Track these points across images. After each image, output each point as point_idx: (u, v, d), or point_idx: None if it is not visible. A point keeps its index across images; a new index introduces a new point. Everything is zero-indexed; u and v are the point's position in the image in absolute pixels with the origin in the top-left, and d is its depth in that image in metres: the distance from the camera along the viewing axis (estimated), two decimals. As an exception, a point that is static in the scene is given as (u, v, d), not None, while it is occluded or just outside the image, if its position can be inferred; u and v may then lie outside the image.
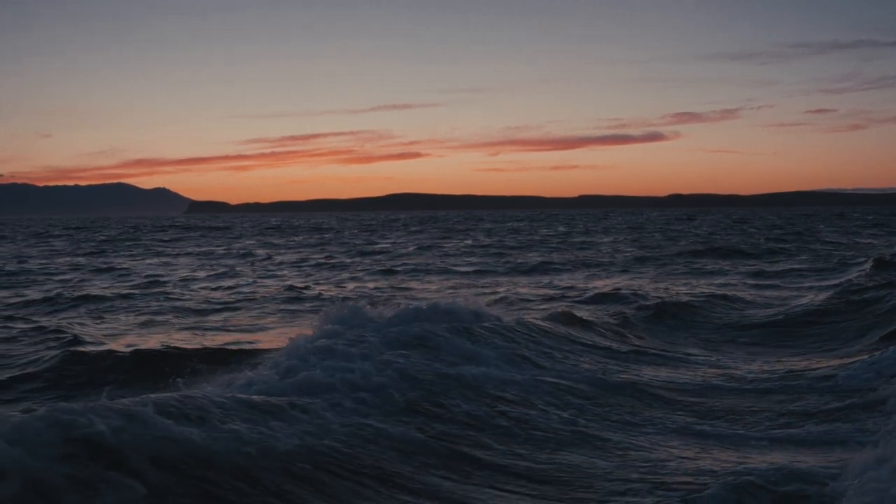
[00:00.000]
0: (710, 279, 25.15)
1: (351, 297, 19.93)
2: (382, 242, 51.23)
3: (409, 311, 13.14)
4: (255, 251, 43.11)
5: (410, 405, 8.70)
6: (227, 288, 23.67)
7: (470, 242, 48.69)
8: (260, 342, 13.95)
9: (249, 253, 41.44)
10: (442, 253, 39.16)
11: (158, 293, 21.70)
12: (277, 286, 23.73)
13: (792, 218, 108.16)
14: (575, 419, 8.72)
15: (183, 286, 24.24)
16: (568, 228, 74.28)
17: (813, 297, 19.36)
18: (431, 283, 25.00)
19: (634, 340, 14.41)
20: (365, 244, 49.23)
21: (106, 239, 63.18)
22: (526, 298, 20.14)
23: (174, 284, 24.74)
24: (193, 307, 18.74)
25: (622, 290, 20.87)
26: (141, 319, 16.95)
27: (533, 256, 35.85)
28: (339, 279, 26.72)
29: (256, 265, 33.43)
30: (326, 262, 34.68)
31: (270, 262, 35.33)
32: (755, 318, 16.86)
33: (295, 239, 58.10)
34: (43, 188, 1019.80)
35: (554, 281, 25.07)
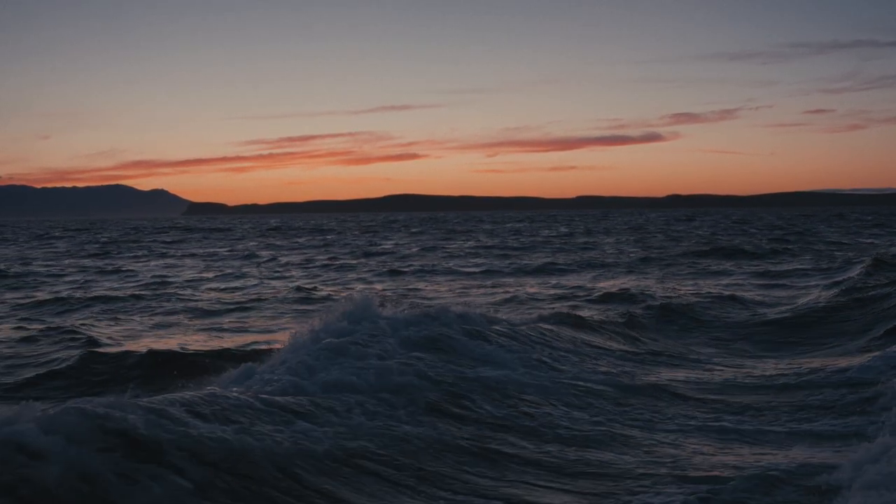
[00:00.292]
0: (716, 279, 25.30)
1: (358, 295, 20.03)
2: (385, 244, 51.35)
3: (421, 312, 13.21)
4: (258, 252, 43.21)
5: (434, 406, 8.81)
6: (236, 289, 23.80)
7: (473, 244, 48.81)
8: (276, 342, 14.04)
9: (253, 254, 41.55)
10: (446, 254, 39.29)
11: (169, 294, 21.83)
12: (286, 287, 23.86)
13: (792, 218, 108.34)
14: (598, 418, 8.85)
15: (192, 287, 24.37)
16: (569, 229, 74.40)
17: (820, 295, 19.52)
18: (439, 284, 25.13)
19: (647, 341, 14.53)
20: (368, 245, 49.35)
21: (108, 241, 63.28)
22: (536, 298, 20.27)
23: (183, 286, 24.87)
24: (206, 308, 18.88)
25: (630, 290, 20.99)
26: (155, 320, 17.08)
27: (538, 257, 35.99)
28: (346, 280, 26.85)
29: (262, 266, 33.55)
30: (331, 263, 34.81)
31: (276, 263, 35.45)
32: (765, 316, 17.02)
33: (298, 240, 58.22)
34: (41, 190, 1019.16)
35: (561, 281, 25.21)
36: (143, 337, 15.23)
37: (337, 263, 34.33)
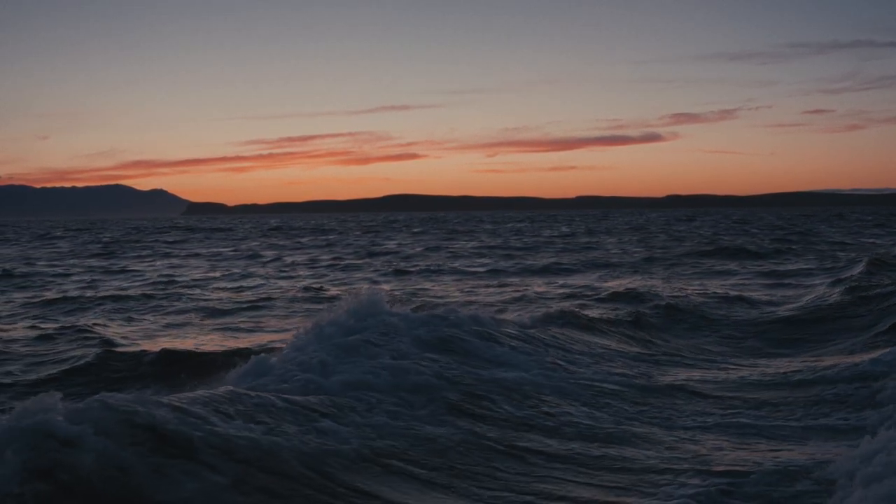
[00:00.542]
0: (721, 279, 25.41)
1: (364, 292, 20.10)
2: (388, 244, 51.43)
3: (430, 313, 13.20)
4: (262, 252, 43.30)
5: (455, 406, 8.91)
6: (244, 288, 23.91)
7: (476, 244, 48.90)
8: (292, 342, 14.13)
9: (257, 254, 41.64)
10: (450, 254, 39.37)
11: (179, 294, 21.94)
12: (294, 287, 23.96)
13: (792, 218, 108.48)
14: (617, 417, 8.97)
15: (201, 287, 24.46)
16: (571, 229, 74.51)
17: (826, 293, 19.59)
18: (446, 283, 25.22)
19: (658, 341, 14.62)
20: (371, 245, 49.44)
21: (110, 240, 63.34)
22: (544, 297, 20.36)
23: (192, 285, 24.97)
24: (218, 307, 18.97)
25: (637, 290, 21.05)
26: (167, 320, 17.18)
27: (542, 257, 36.09)
28: (353, 280, 26.92)
29: (268, 266, 33.64)
30: (336, 263, 34.90)
31: (281, 263, 35.53)
32: (774, 315, 17.14)
33: (300, 241, 58.28)
34: (40, 189, 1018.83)
35: (567, 281, 25.32)
36: (156, 336, 15.32)
37: (342, 263, 34.42)
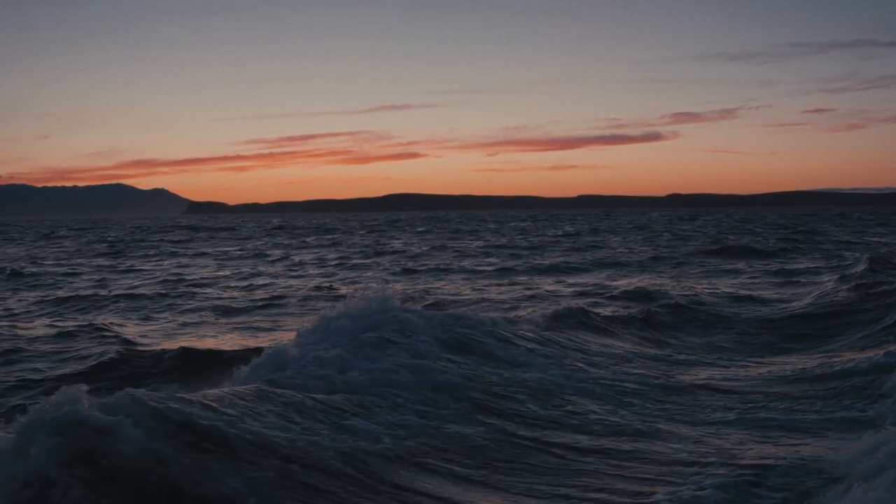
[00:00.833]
0: (730, 278, 25.50)
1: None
2: (394, 243, 51.52)
3: (445, 313, 13.23)
4: (268, 251, 43.40)
5: (481, 405, 9.01)
6: (256, 287, 24.02)
7: (481, 243, 48.99)
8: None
9: (263, 253, 41.74)
10: (457, 253, 39.43)
11: (193, 293, 22.05)
12: (305, 286, 24.06)
13: (794, 218, 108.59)
14: (641, 415, 9.08)
15: (212, 286, 24.58)
16: (574, 228, 74.58)
17: (835, 290, 19.63)
18: (456, 283, 25.32)
19: (673, 340, 14.70)
20: (376, 244, 49.52)
21: (115, 240, 63.41)
22: (555, 297, 20.45)
23: (203, 284, 25.08)
24: (233, 306, 19.09)
25: (647, 288, 21.16)
26: (184, 318, 17.28)
27: (549, 256, 36.20)
28: (363, 279, 26.99)
29: (276, 265, 33.74)
30: (344, 262, 35.01)
31: (289, 262, 35.64)
32: (786, 312, 17.25)
33: (305, 240, 58.36)
34: (41, 189, 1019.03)
35: (577, 280, 25.41)
36: (174, 334, 15.43)
37: (350, 262, 34.52)
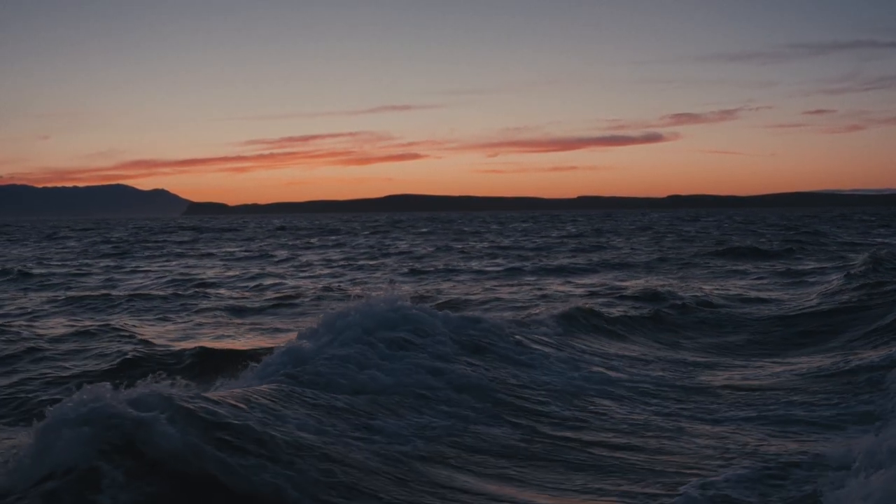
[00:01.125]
0: (738, 279, 25.59)
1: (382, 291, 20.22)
2: (399, 244, 51.62)
3: (462, 315, 13.25)
4: (274, 252, 43.47)
5: (507, 406, 9.13)
6: (267, 287, 24.12)
7: (486, 244, 49.08)
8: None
9: (269, 254, 41.83)
10: (463, 255, 39.51)
11: (206, 293, 22.13)
12: (315, 286, 24.15)
13: (796, 219, 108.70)
14: (664, 415, 9.21)
15: (223, 286, 24.70)
16: (577, 229, 74.68)
17: (846, 289, 19.71)
18: (465, 283, 25.42)
19: (686, 341, 14.77)
20: (381, 245, 49.62)
21: (119, 240, 63.52)
22: (566, 297, 20.52)
23: (214, 284, 25.20)
24: (247, 306, 19.18)
25: (656, 289, 21.16)
26: (199, 318, 17.37)
27: (556, 257, 36.30)
28: (371, 280, 27.11)
29: (283, 266, 33.84)
30: (351, 263, 35.11)
31: (297, 263, 35.74)
32: (797, 311, 17.37)
33: (310, 241, 58.46)
34: (41, 189, 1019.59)
35: (585, 281, 25.50)
36: (191, 334, 15.52)
37: (357, 263, 34.62)
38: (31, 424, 6.10)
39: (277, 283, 25.80)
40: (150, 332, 15.50)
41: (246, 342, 14.51)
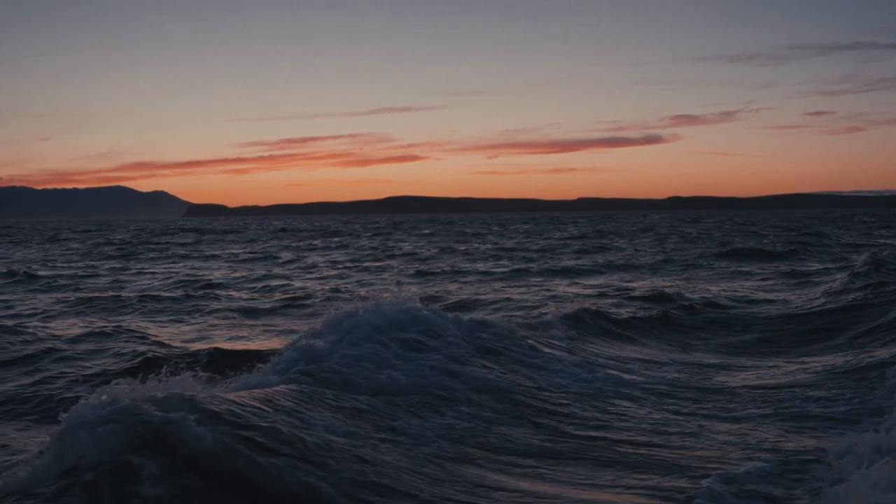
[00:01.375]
0: (744, 279, 25.69)
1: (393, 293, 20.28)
2: (402, 245, 51.71)
3: (473, 318, 13.20)
4: (278, 254, 43.54)
5: (527, 407, 9.21)
6: (275, 289, 24.20)
7: (489, 246, 49.16)
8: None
9: (274, 256, 41.89)
10: (468, 256, 39.59)
11: (216, 294, 22.22)
12: (323, 287, 24.24)
13: (797, 220, 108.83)
14: (683, 414, 9.32)
15: (232, 287, 24.80)
16: (579, 231, 74.79)
17: (853, 289, 19.75)
18: (473, 285, 25.50)
19: (697, 342, 14.79)
20: (385, 247, 49.70)
21: (122, 242, 63.60)
22: (574, 298, 20.60)
23: (223, 286, 25.28)
24: (258, 307, 19.28)
25: (664, 290, 21.27)
26: (211, 320, 17.47)
27: (561, 258, 36.39)
28: (378, 281, 27.20)
29: (289, 267, 33.92)
30: (356, 264, 35.20)
31: (303, 264, 35.82)
32: (806, 311, 17.47)
33: (313, 242, 58.53)
34: (41, 191, 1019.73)
35: (592, 282, 25.59)
36: (205, 335, 15.62)
37: (362, 265, 34.71)
38: (55, 422, 6.21)
39: (284, 284, 25.90)
40: (164, 333, 15.60)
41: (261, 343, 14.60)
